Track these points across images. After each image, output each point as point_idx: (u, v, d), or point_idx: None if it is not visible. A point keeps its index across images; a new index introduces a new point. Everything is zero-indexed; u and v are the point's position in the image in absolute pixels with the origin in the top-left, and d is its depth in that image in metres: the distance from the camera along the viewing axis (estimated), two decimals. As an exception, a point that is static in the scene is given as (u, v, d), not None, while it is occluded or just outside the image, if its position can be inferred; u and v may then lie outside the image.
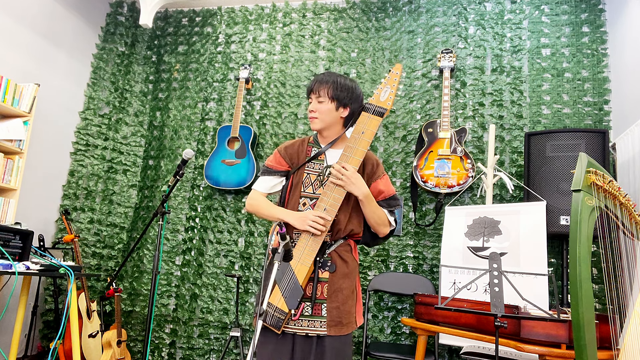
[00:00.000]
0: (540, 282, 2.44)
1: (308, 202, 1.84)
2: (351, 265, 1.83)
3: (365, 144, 1.79)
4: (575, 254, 1.55)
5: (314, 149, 1.93)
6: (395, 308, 3.23)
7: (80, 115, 3.94)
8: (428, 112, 3.44)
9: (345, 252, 1.83)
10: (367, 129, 1.81)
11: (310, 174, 1.87)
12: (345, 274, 1.80)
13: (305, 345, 1.72)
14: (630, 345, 1.66)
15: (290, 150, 1.93)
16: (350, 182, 1.73)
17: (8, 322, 3.32)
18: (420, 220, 3.29)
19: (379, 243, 1.99)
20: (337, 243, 1.82)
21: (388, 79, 1.88)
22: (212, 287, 3.56)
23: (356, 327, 1.81)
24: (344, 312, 1.76)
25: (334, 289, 1.76)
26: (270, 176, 1.92)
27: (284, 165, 1.92)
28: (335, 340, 1.73)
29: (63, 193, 3.82)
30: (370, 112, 1.84)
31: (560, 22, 3.35)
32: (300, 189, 1.85)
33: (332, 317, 1.73)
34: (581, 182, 1.62)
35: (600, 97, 3.16)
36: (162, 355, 3.56)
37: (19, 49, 3.36)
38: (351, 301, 1.80)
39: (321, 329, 1.72)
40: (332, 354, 1.71)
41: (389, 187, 1.90)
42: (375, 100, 1.85)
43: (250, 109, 3.83)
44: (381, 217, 1.84)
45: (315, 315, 1.74)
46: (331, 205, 1.75)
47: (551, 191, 2.67)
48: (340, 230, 1.81)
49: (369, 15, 3.75)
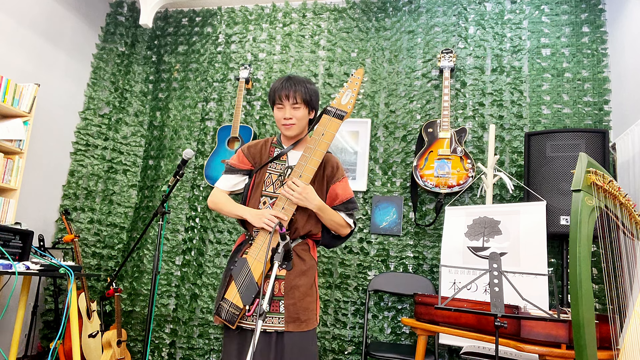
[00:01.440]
0: (540, 282, 2.44)
1: (268, 201, 1.90)
2: (308, 263, 1.88)
3: (324, 146, 1.84)
4: (575, 254, 1.55)
5: (276, 150, 1.98)
6: (395, 308, 3.23)
7: (80, 115, 3.94)
8: (428, 112, 3.45)
9: (302, 251, 1.88)
10: (327, 130, 1.86)
11: (272, 174, 1.93)
12: (302, 272, 1.85)
13: (264, 341, 1.76)
14: (630, 345, 1.66)
15: (253, 150, 1.99)
16: (302, 197, 1.79)
17: (8, 322, 3.32)
18: (420, 220, 3.29)
19: (339, 244, 2.05)
20: (295, 242, 1.88)
21: (350, 83, 1.93)
22: (212, 287, 3.56)
23: (316, 324, 1.85)
24: (301, 308, 1.80)
25: (290, 286, 1.81)
26: (233, 175, 1.98)
27: (247, 164, 1.98)
28: (295, 336, 1.76)
29: (63, 193, 3.82)
30: (331, 114, 1.89)
31: (560, 22, 3.35)
32: (261, 188, 1.91)
33: (290, 313, 1.78)
34: (581, 182, 1.62)
35: (600, 97, 3.16)
36: (162, 355, 3.56)
37: (19, 49, 3.36)
38: (309, 298, 1.84)
39: (279, 325, 1.77)
40: (292, 349, 1.75)
41: (347, 191, 1.96)
42: (337, 104, 1.90)
43: (250, 109, 3.83)
44: (339, 221, 1.91)
45: (272, 312, 1.79)
46: (289, 204, 1.81)
47: (551, 191, 2.67)
48: (297, 230, 1.87)
49: (369, 15, 3.75)
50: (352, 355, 3.22)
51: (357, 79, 1.92)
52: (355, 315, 3.26)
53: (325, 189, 1.95)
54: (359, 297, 3.29)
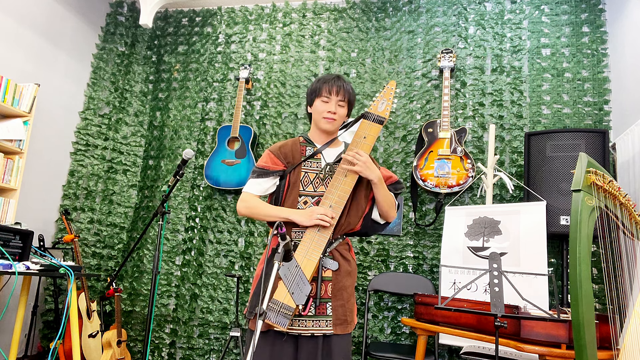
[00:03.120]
0: (540, 282, 2.44)
1: (310, 201, 1.84)
2: (352, 264, 1.86)
3: (367, 148, 1.85)
4: (575, 254, 1.55)
5: (308, 148, 1.93)
6: (395, 308, 3.23)
7: (80, 115, 3.94)
8: (428, 112, 3.44)
9: (345, 251, 1.84)
10: (369, 134, 1.88)
11: (309, 172, 1.88)
12: (348, 272, 1.81)
13: (310, 345, 1.70)
14: (630, 345, 1.66)
15: (285, 150, 1.92)
16: (366, 166, 1.78)
17: (8, 322, 3.32)
18: (420, 220, 3.29)
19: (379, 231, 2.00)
20: (337, 242, 1.83)
21: (384, 93, 1.94)
22: (212, 287, 3.56)
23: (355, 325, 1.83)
24: (348, 310, 1.77)
25: (338, 287, 1.76)
26: (266, 178, 1.88)
27: (279, 165, 1.89)
28: (341, 339, 1.73)
29: (63, 193, 3.82)
30: (370, 119, 1.90)
31: (560, 22, 3.35)
32: (298, 188, 1.85)
33: (338, 315, 1.73)
34: (581, 182, 1.62)
35: (600, 97, 3.16)
36: (162, 355, 3.56)
37: (19, 49, 3.36)
38: (353, 299, 1.83)
39: (327, 328, 1.71)
40: (339, 352, 1.71)
41: (392, 174, 2.02)
42: (374, 110, 1.91)
43: (250, 109, 3.83)
44: (392, 200, 1.91)
45: (319, 315, 1.73)
46: (337, 202, 1.78)
47: (551, 191, 2.67)
48: (342, 227, 1.82)
49: (369, 15, 3.75)
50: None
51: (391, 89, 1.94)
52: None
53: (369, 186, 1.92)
54: (359, 297, 3.29)
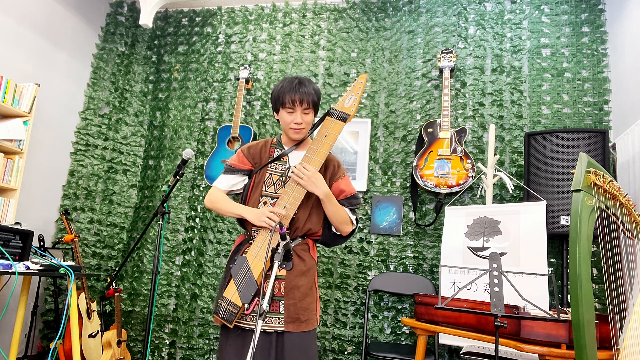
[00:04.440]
0: (540, 282, 2.44)
1: (269, 201, 1.90)
2: (308, 263, 1.87)
3: (327, 147, 1.85)
4: (575, 254, 1.55)
5: (277, 150, 1.98)
6: (395, 308, 3.23)
7: (80, 115, 3.94)
8: (428, 112, 3.44)
9: (302, 251, 1.87)
10: (330, 132, 1.87)
11: (273, 174, 1.93)
12: (302, 272, 1.84)
13: (264, 341, 1.75)
14: (630, 345, 1.66)
15: (253, 151, 1.99)
16: (311, 181, 1.79)
17: (8, 322, 3.32)
18: (420, 220, 3.29)
19: (340, 243, 2.03)
20: (295, 242, 1.87)
21: (353, 87, 1.95)
22: (212, 287, 3.56)
23: (317, 324, 1.85)
24: (301, 308, 1.79)
25: (290, 286, 1.80)
26: (233, 175, 1.97)
27: (247, 164, 1.97)
28: (295, 336, 1.76)
29: (63, 193, 3.82)
30: (334, 116, 1.90)
31: (560, 22, 3.35)
32: (261, 189, 1.91)
33: (290, 313, 1.77)
34: (581, 182, 1.62)
35: (600, 97, 3.16)
36: (162, 355, 3.56)
37: (19, 49, 3.36)
38: (309, 298, 1.84)
39: (279, 326, 1.76)
40: (292, 349, 1.74)
41: (350, 187, 1.97)
42: (340, 107, 1.92)
43: (250, 109, 3.83)
44: (343, 215, 1.90)
45: (272, 312, 1.78)
46: (290, 204, 1.81)
47: (551, 191, 2.67)
48: (298, 229, 1.87)
49: (369, 15, 3.75)
50: (352, 355, 3.22)
51: (361, 83, 1.94)
52: (355, 315, 3.26)
53: None
54: (359, 297, 3.29)
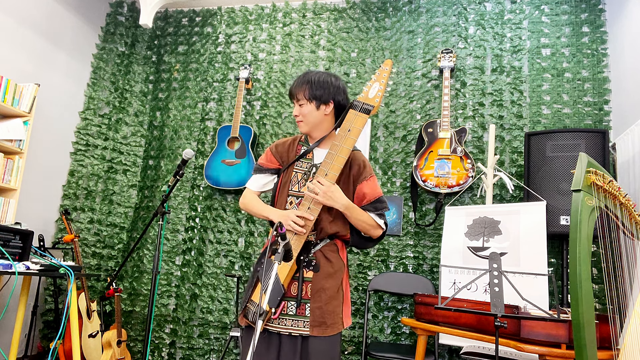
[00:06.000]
0: (540, 282, 2.44)
1: (294, 201, 1.84)
2: (336, 265, 1.81)
3: (351, 142, 1.75)
4: (575, 254, 1.55)
5: (303, 148, 1.93)
6: (395, 308, 3.23)
7: (80, 115, 3.94)
8: (428, 112, 3.44)
9: (330, 252, 1.81)
10: (354, 126, 1.77)
11: (298, 172, 1.87)
12: (329, 274, 1.78)
13: (290, 344, 1.73)
14: (630, 345, 1.66)
15: (281, 149, 1.94)
16: (327, 196, 1.71)
17: (8, 322, 3.32)
18: (420, 220, 3.29)
19: (371, 246, 1.95)
20: (323, 243, 1.81)
21: (378, 75, 1.83)
22: (212, 287, 3.56)
23: (343, 328, 1.79)
24: (327, 312, 1.74)
25: (316, 289, 1.76)
26: (262, 174, 1.93)
27: (274, 163, 1.93)
28: (320, 341, 1.72)
29: (63, 193, 3.82)
30: (357, 109, 1.79)
31: (560, 22, 3.35)
32: (288, 188, 1.86)
33: (315, 317, 1.73)
34: (581, 182, 1.62)
35: (600, 97, 3.16)
36: (162, 355, 3.56)
37: (19, 49, 3.36)
38: (335, 301, 1.78)
39: (304, 329, 1.72)
40: (316, 354, 1.70)
41: (375, 190, 1.85)
42: (364, 98, 1.81)
43: (250, 109, 3.83)
44: (368, 221, 1.81)
45: (298, 315, 1.74)
46: (314, 204, 1.74)
47: (551, 191, 2.67)
48: (323, 230, 1.80)
49: (369, 15, 3.75)
50: (352, 355, 3.22)
51: (386, 70, 1.83)
52: (355, 315, 3.26)
53: (352, 189, 1.85)
54: (359, 297, 3.29)
